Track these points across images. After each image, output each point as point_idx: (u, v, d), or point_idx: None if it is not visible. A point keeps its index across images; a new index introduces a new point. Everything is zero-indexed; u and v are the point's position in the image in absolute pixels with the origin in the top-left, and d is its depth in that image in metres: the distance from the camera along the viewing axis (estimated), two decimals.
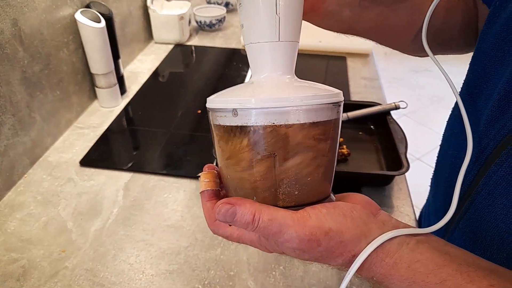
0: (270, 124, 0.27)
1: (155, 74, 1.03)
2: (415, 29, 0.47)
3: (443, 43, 0.50)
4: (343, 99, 0.31)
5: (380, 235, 0.28)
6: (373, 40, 0.49)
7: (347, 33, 0.46)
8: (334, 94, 0.30)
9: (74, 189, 0.66)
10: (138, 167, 0.71)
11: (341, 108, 0.31)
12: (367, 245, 0.28)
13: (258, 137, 0.28)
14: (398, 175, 0.65)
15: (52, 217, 0.61)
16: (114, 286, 0.52)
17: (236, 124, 0.28)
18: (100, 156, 0.74)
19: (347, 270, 0.29)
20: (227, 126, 0.29)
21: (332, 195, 0.33)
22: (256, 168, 0.29)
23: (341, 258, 0.29)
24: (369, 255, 0.28)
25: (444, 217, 0.32)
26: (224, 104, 0.29)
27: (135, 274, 0.53)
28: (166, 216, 0.62)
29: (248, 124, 0.27)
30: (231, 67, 1.07)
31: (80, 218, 0.61)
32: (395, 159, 0.68)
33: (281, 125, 0.27)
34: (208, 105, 0.32)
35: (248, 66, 1.07)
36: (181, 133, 0.81)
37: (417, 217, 0.67)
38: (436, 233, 0.39)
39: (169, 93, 0.96)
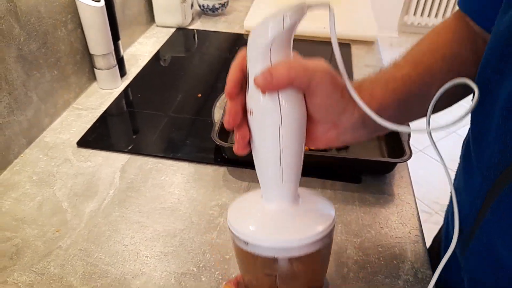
0: (274, 257, 0.34)
1: (156, 58, 1.02)
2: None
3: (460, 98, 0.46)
4: (335, 221, 0.36)
5: None
6: None
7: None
8: (329, 224, 0.35)
9: (70, 170, 0.65)
10: (135, 150, 0.70)
11: (334, 226, 0.36)
12: None
13: (264, 262, 0.35)
14: (400, 162, 0.63)
15: (47, 197, 0.60)
16: (108, 266, 0.51)
17: (247, 250, 0.35)
18: (97, 137, 0.73)
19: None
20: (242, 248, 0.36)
21: (326, 280, 0.40)
22: (260, 281, 0.37)
23: None
24: None
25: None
26: (239, 234, 0.35)
27: (129, 255, 0.53)
28: (163, 199, 0.61)
29: (256, 253, 0.34)
30: (234, 52, 1.06)
31: (75, 199, 0.60)
32: (397, 146, 0.67)
33: (283, 257, 0.34)
34: (228, 225, 0.37)
35: None
36: (180, 117, 0.80)
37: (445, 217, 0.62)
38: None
39: (170, 77, 0.95)
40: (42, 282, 0.49)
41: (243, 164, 0.67)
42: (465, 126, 0.40)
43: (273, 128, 0.33)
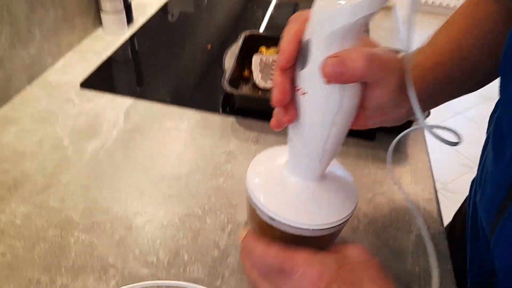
0: (296, 233, 0.34)
1: (164, 10, 0.97)
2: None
3: None
4: (357, 205, 0.36)
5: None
6: None
7: None
8: (355, 204, 0.35)
9: (72, 110, 0.63)
10: (141, 95, 0.67)
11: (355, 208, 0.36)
12: None
13: (284, 236, 0.35)
14: (416, 119, 0.61)
15: (48, 134, 0.58)
16: (110, 204, 0.49)
17: (271, 225, 0.34)
18: (102, 80, 0.70)
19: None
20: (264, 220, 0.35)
21: None
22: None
23: None
24: None
25: None
26: (265, 208, 0.34)
27: (132, 194, 0.50)
28: (168, 143, 0.59)
29: (281, 229, 0.34)
30: (246, 9, 1.01)
31: (77, 137, 0.58)
32: None
33: (304, 236, 0.34)
34: (250, 194, 0.35)
35: (263, 10, 1.01)
36: (188, 66, 0.77)
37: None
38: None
39: (178, 31, 0.91)
40: (40, 214, 0.47)
41: (252, 114, 0.64)
42: (473, 108, 0.39)
43: (327, 115, 0.30)
